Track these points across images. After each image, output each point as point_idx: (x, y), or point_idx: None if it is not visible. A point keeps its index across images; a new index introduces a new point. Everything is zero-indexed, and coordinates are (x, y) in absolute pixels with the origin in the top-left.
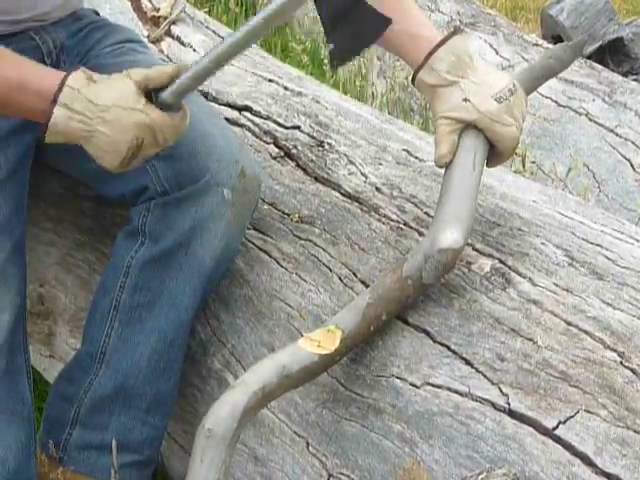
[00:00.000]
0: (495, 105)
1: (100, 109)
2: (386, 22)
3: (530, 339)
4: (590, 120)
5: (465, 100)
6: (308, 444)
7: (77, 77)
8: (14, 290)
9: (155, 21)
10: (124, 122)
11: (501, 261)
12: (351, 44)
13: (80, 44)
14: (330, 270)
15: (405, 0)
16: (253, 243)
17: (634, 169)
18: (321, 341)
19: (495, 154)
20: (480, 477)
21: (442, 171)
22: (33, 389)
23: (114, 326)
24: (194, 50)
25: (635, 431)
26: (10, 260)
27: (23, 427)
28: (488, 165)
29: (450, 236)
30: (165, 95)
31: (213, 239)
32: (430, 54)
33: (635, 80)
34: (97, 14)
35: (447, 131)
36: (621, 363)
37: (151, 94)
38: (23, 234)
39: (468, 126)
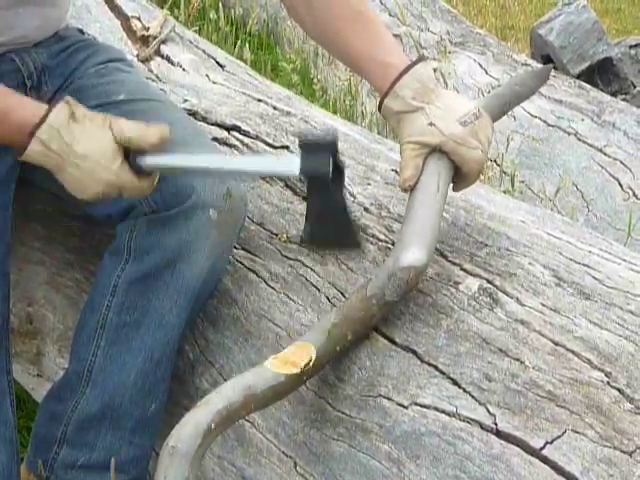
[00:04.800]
0: (460, 129)
1: (76, 155)
2: (357, 245)
3: (517, 359)
4: (579, 140)
5: (430, 124)
6: (296, 464)
7: (59, 114)
8: None
9: (145, 40)
10: (96, 176)
11: (489, 281)
12: (323, 239)
13: (63, 65)
14: (318, 290)
15: (375, 26)
16: (241, 263)
17: (623, 189)
18: (288, 361)
19: (461, 177)
20: None
21: None
22: (21, 408)
23: (101, 345)
24: (183, 69)
25: (622, 451)
26: None
27: (5, 449)
28: (455, 189)
29: (412, 255)
30: (142, 163)
31: (199, 259)
32: (395, 81)
33: (624, 100)
34: (82, 33)
35: (412, 155)
36: (608, 383)
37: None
38: (7, 256)
39: (433, 150)
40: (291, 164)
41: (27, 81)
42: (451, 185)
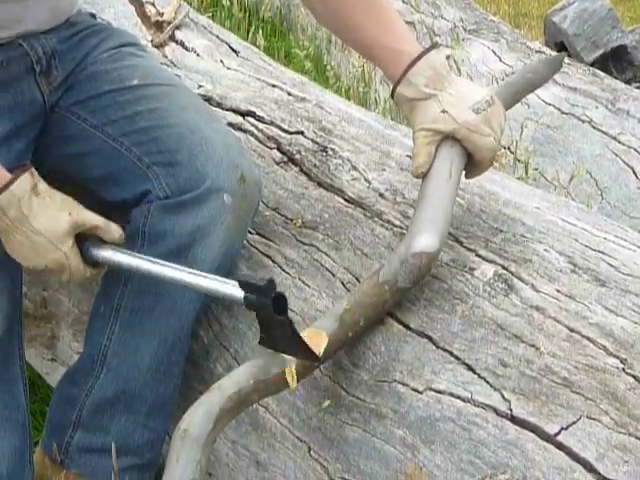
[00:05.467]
0: (473, 116)
1: (30, 228)
2: (314, 359)
3: (532, 345)
4: (593, 127)
5: (443, 112)
6: (310, 449)
7: (22, 184)
8: (4, 299)
9: (159, 26)
10: (44, 252)
11: (504, 267)
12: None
13: (74, 49)
14: (333, 275)
15: (388, 13)
16: (256, 248)
17: (637, 177)
18: None
19: (473, 165)
20: None
21: None
22: (35, 393)
23: (115, 330)
24: (197, 55)
25: (637, 437)
26: (0, 269)
27: (17, 433)
28: (467, 176)
29: (424, 241)
30: (95, 254)
31: (214, 244)
32: (408, 68)
33: (638, 87)
34: (94, 17)
35: (425, 143)
36: (623, 370)
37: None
38: None
39: (446, 138)
40: (236, 294)
41: (36, 66)
42: (464, 173)
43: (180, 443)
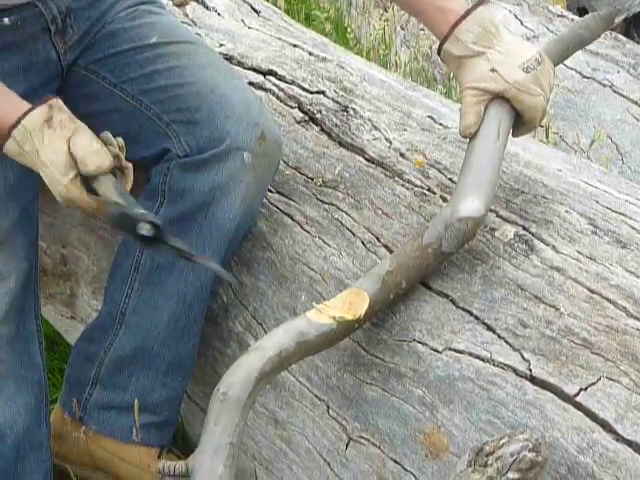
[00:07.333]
0: (522, 75)
1: (41, 162)
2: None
3: (553, 306)
4: (614, 92)
5: (492, 70)
6: (328, 407)
7: (35, 117)
8: (21, 256)
9: None
10: (53, 185)
11: (525, 228)
12: None
13: (90, 7)
14: (353, 234)
15: None
16: (276, 206)
17: None
18: (344, 307)
19: (521, 124)
20: (501, 442)
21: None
22: (54, 350)
23: (134, 287)
24: (218, 14)
25: None
26: (17, 227)
27: (33, 392)
28: (514, 135)
29: (471, 205)
30: (96, 186)
31: (233, 202)
32: (456, 25)
33: None
34: None
35: (473, 102)
36: None
37: None
38: (33, 202)
39: (494, 97)
40: None
41: (50, 25)
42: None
43: (219, 406)
